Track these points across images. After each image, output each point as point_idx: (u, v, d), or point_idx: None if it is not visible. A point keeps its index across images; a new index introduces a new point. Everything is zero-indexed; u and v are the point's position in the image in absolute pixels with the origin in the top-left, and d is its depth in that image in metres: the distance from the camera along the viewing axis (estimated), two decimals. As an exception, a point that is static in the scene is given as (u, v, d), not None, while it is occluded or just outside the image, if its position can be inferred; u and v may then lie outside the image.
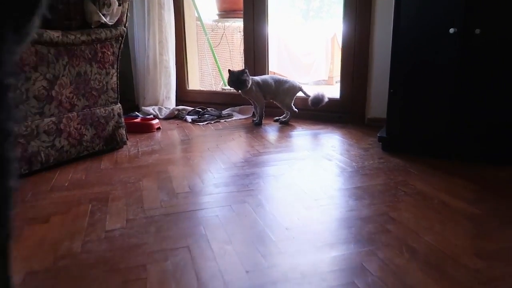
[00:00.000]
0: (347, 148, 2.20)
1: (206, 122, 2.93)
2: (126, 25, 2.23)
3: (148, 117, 3.01)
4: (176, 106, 3.36)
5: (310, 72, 6.22)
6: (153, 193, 1.60)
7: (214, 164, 1.97)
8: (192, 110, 3.17)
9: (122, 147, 2.29)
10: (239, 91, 2.76)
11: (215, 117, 3.02)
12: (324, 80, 6.16)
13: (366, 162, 1.96)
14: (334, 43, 6.25)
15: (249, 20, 3.10)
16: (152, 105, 3.24)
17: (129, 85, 3.38)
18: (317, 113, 2.91)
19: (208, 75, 4.04)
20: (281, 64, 6.19)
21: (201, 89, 3.85)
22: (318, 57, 6.17)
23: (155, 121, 2.75)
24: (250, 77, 2.75)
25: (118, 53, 2.21)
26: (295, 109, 2.87)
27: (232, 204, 1.48)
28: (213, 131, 2.71)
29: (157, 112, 3.16)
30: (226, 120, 3.02)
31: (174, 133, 2.66)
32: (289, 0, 8.22)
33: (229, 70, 2.73)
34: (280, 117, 2.96)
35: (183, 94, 3.53)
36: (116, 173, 1.85)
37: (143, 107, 3.21)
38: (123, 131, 2.26)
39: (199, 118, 3.00)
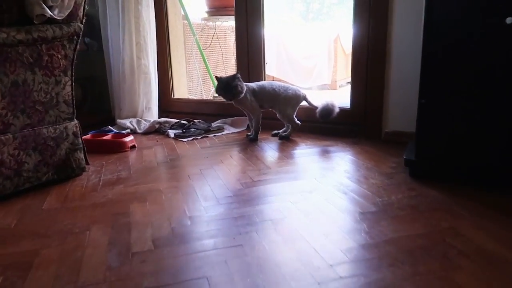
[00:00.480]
0: (365, 174, 1.73)
1: (191, 138, 2.46)
2: (84, 20, 1.76)
3: (122, 132, 2.54)
4: (158, 118, 2.89)
5: (311, 76, 5.76)
6: (99, 254, 1.13)
7: (192, 200, 1.50)
8: (176, 123, 2.70)
9: (81, 174, 1.82)
10: (231, 100, 2.30)
11: (203, 131, 2.55)
12: (326, 84, 5.70)
13: (393, 196, 1.48)
14: (337, 45, 5.80)
15: (241, 19, 2.63)
16: (129, 118, 2.77)
17: (105, 94, 2.91)
18: (323, 125, 2.44)
19: (198, 82, 3.57)
20: (280, 68, 5.73)
21: (189, 97, 3.38)
22: (320, 60, 5.71)
23: (129, 138, 2.28)
24: (244, 83, 2.29)
25: (73, 56, 1.74)
26: (298, 122, 2.40)
27: (209, 275, 1.00)
28: (199, 149, 2.23)
29: (135, 126, 2.69)
30: (216, 134, 2.55)
31: (150, 152, 2.19)
32: (287, 0, 7.80)
33: (216, 77, 2.26)
34: (280, 131, 2.49)
35: (167, 104, 3.06)
36: (60, 217, 1.38)
37: (118, 120, 2.74)
38: (80, 155, 1.79)
39: (183, 132, 2.53)
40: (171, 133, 2.55)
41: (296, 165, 1.91)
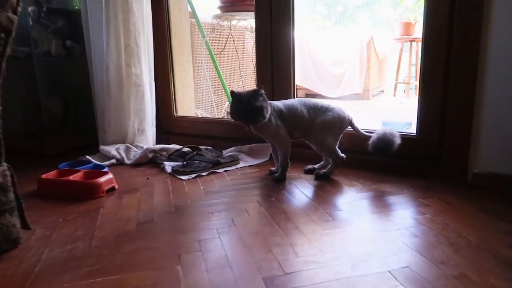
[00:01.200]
0: (473, 264, 1.02)
1: (194, 175, 1.80)
2: (19, 11, 1.13)
3: (103, 164, 1.89)
4: (156, 141, 2.25)
5: (340, 85, 5.04)
6: None
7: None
8: (175, 151, 2.04)
9: (16, 246, 1.17)
10: (250, 126, 1.63)
11: (210, 165, 1.88)
12: (357, 94, 4.99)
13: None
14: (371, 49, 5.08)
15: (263, 16, 1.97)
16: (116, 143, 2.13)
17: (93, 110, 2.28)
18: (378, 158, 1.74)
19: (208, 94, 2.92)
20: (304, 75, 5.04)
21: (197, 113, 2.73)
22: (351, 67, 4.99)
23: (105, 178, 1.63)
24: (269, 102, 1.63)
25: (1, 61, 1.10)
26: (342, 154, 1.71)
27: None
28: (202, 195, 1.57)
29: (123, 155, 2.04)
30: (228, 169, 1.88)
31: (133, 201, 1.53)
32: (309, 2, 7.13)
33: (232, 92, 1.60)
34: (316, 166, 1.81)
35: (168, 123, 2.42)
36: None
37: (102, 147, 2.11)
38: (11, 219, 1.14)
39: (184, 166, 1.87)
40: (168, 166, 1.90)
41: (346, 236, 1.21)
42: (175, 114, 2.43)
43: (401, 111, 4.32)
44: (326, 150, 1.69)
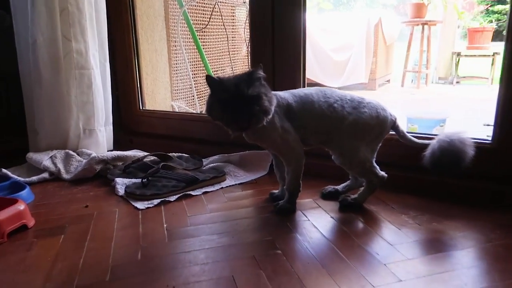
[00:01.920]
0: None
1: (157, 201, 1.19)
2: None
3: (30, 179, 1.28)
4: (113, 147, 1.64)
5: (343, 73, 4.44)
6: None
7: None
8: (134, 161, 1.44)
9: None
10: (243, 131, 1.03)
11: (182, 184, 1.27)
12: (362, 84, 4.40)
13: None
14: (378, 33, 4.48)
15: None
16: (52, 149, 1.51)
17: (19, 106, 1.65)
18: (429, 177, 1.16)
19: (189, 82, 2.29)
20: (303, 63, 4.44)
21: (174, 108, 2.12)
22: (356, 53, 4.39)
23: (9, 212, 1.01)
24: (272, 92, 1.03)
25: None
26: (382, 173, 1.11)
27: None
28: (159, 248, 0.97)
29: (60, 166, 1.43)
30: (208, 190, 1.28)
31: (45, 255, 0.93)
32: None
33: (209, 78, 0.99)
34: (340, 187, 1.22)
35: (131, 120, 1.81)
36: None
37: (31, 155, 1.49)
38: None
39: (143, 184, 1.26)
40: (121, 185, 1.29)
41: None
42: (141, 108, 1.81)
43: (414, 103, 3.76)
44: (358, 167, 1.09)
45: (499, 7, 5.42)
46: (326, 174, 1.31)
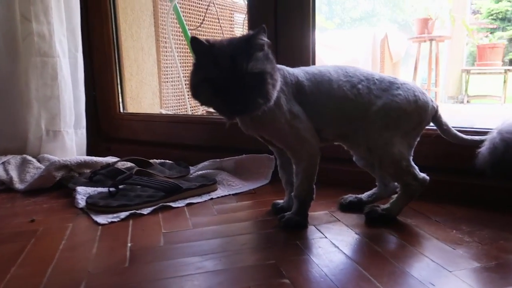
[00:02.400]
0: None
1: (125, 214, 0.91)
2: None
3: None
4: (86, 153, 1.37)
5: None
6: None
7: None
8: (103, 167, 1.16)
9: None
10: (240, 115, 0.76)
11: (161, 193, 0.99)
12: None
13: None
14: (385, 50, 4.30)
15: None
16: (9, 153, 1.24)
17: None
18: (492, 182, 0.88)
19: (179, 88, 2.04)
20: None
21: (159, 110, 1.86)
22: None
23: None
24: (278, 67, 0.77)
25: None
26: (423, 175, 0.83)
27: None
28: (116, 283, 0.68)
29: (12, 174, 1.16)
30: (193, 201, 1.00)
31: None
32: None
33: (194, 40, 0.73)
34: (364, 196, 0.94)
35: (110, 124, 1.55)
36: None
37: (-22, 160, 1.22)
38: None
39: (110, 194, 0.98)
40: (81, 196, 1.01)
41: None
42: (121, 111, 1.55)
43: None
44: (391, 166, 0.82)
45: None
46: (345, 182, 1.03)
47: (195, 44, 0.73)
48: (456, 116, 3.80)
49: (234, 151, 1.22)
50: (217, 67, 0.71)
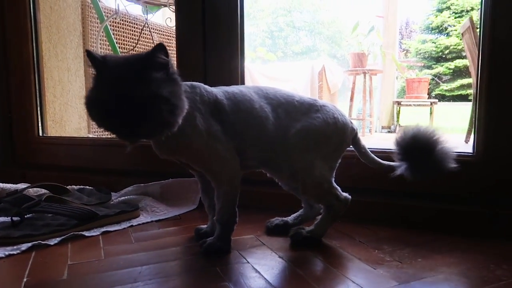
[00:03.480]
0: None
1: (26, 246, 0.80)
2: None
3: None
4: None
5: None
6: None
7: None
8: (9, 193, 1.04)
9: None
10: (142, 139, 0.70)
11: (73, 221, 0.90)
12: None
13: None
14: (323, 81, 4.48)
15: (190, 16, 1.14)
16: None
17: None
18: (400, 201, 0.90)
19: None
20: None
21: (86, 135, 1.75)
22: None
23: None
24: (192, 85, 0.76)
25: None
26: (345, 194, 0.83)
27: None
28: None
29: None
30: (110, 229, 0.92)
31: None
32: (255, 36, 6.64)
33: (89, 54, 0.67)
34: (290, 219, 0.92)
35: (27, 149, 1.42)
36: None
37: None
38: None
39: (13, 224, 0.87)
40: (-22, 226, 0.89)
41: None
42: (40, 134, 1.43)
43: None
44: (314, 188, 0.80)
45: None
46: (272, 205, 1.01)
47: (90, 58, 0.66)
48: (388, 143, 4.01)
49: (161, 176, 1.16)
50: (104, 87, 0.65)
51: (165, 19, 2.33)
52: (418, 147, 0.80)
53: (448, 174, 0.79)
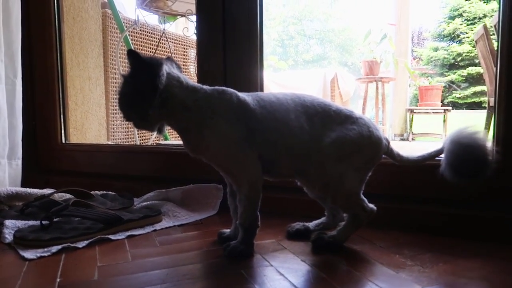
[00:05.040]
0: None
1: (56, 248, 0.83)
2: None
3: None
4: (21, 184, 1.27)
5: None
6: None
7: None
8: (36, 198, 1.08)
9: None
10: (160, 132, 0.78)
11: (100, 225, 0.93)
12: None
13: None
14: (335, 89, 4.50)
15: (210, 22, 1.18)
16: None
17: None
18: (420, 207, 0.90)
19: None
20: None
21: (105, 142, 1.79)
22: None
23: None
24: (218, 91, 0.80)
25: None
26: (371, 206, 0.84)
27: None
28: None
29: None
30: (135, 233, 0.95)
31: None
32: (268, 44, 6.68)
33: (130, 53, 0.74)
34: (311, 225, 0.93)
35: (50, 155, 1.46)
36: None
37: None
38: None
39: (43, 227, 0.90)
40: (9, 231, 0.92)
41: None
42: (63, 141, 1.48)
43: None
44: (343, 198, 0.82)
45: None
46: (293, 211, 1.03)
47: (132, 55, 0.76)
48: (401, 151, 3.99)
49: (181, 182, 1.18)
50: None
51: (182, 29, 2.38)
52: (472, 159, 0.79)
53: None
